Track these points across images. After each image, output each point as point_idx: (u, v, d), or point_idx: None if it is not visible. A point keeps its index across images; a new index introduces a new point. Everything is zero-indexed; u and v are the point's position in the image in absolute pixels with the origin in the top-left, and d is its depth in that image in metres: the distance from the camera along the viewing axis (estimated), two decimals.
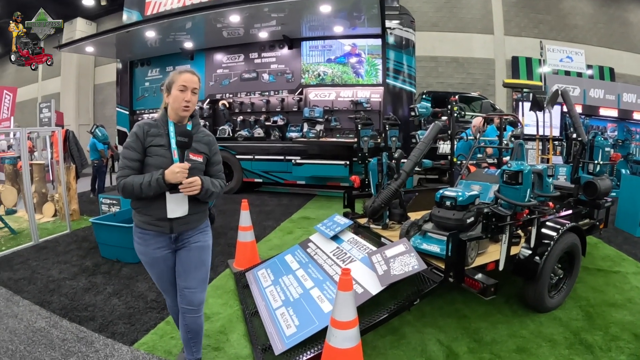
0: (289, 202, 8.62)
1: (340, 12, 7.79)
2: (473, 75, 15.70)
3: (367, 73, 8.99)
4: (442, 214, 3.19)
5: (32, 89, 23.83)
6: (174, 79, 2.22)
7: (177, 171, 2.09)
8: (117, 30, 9.17)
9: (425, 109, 5.19)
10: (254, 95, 9.87)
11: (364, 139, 5.40)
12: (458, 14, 15.72)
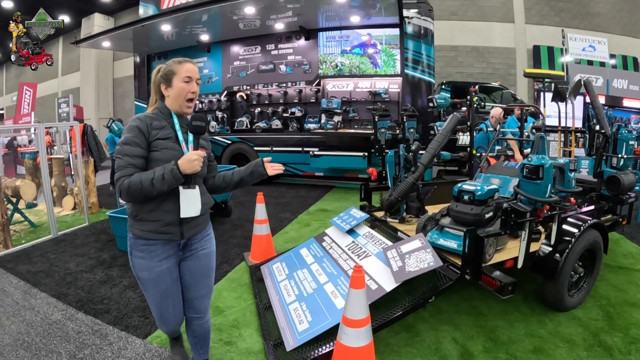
0: (306, 194, 8.59)
1: (356, 1, 7.67)
2: (493, 65, 15.35)
3: (385, 63, 8.85)
4: (460, 209, 3.10)
5: (52, 84, 24.15)
6: (174, 70, 2.03)
7: (194, 159, 1.88)
8: (132, 25, 9.24)
9: (444, 99, 5.07)
10: (271, 87, 9.85)
11: (381, 130, 5.33)
12: (477, 2, 15.34)
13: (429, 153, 4.06)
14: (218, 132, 10.24)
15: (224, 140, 9.96)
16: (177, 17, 8.65)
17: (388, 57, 8.81)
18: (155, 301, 2.14)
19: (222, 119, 10.36)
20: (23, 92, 19.04)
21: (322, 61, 9.31)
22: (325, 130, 8.58)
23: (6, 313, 3.41)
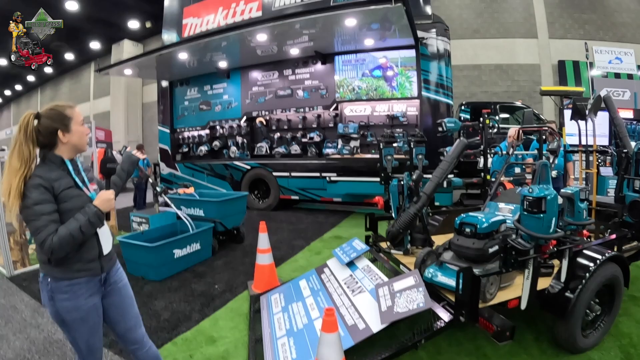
0: (324, 220, 8.51)
1: (368, 24, 7.66)
2: (518, 83, 15.01)
3: (401, 86, 8.78)
4: (461, 243, 2.93)
5: (84, 107, 24.85)
6: (68, 115, 2.02)
7: (111, 197, 2.04)
8: (150, 53, 9.50)
9: (454, 123, 4.88)
10: (289, 112, 9.90)
11: (387, 157, 5.23)
12: (499, 19, 15.14)
13: (433, 182, 3.92)
14: (238, 157, 10.36)
15: (244, 166, 10.03)
16: (196, 45, 8.84)
17: (405, 80, 8.74)
18: (85, 339, 2.09)
19: (242, 144, 10.47)
20: None
21: (339, 85, 9.31)
22: (341, 155, 8.53)
23: (13, 329, 3.64)
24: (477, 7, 15.28)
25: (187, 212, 6.34)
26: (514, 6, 15.11)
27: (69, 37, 20.13)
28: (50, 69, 26.24)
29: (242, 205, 6.72)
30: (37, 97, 31.32)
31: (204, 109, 11.12)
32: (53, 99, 27.20)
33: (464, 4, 15.19)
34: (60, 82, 28.32)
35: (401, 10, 6.71)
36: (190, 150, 11.50)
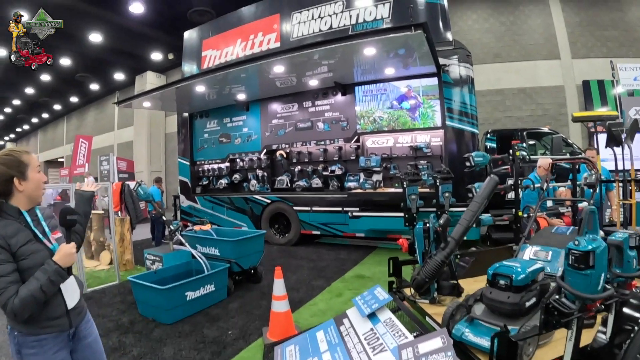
0: (346, 256, 8.18)
1: (388, 53, 7.46)
2: (543, 106, 14.55)
3: (424, 115, 8.50)
4: (495, 296, 2.61)
5: (109, 136, 25.43)
6: (25, 161, 1.92)
7: (72, 252, 1.90)
8: (166, 87, 9.46)
9: (482, 157, 4.62)
10: (310, 145, 9.72)
11: (411, 197, 4.95)
12: (520, 41, 14.83)
13: (462, 225, 3.61)
14: (258, 190, 10.18)
15: (264, 200, 9.85)
16: (214, 78, 8.74)
17: (428, 109, 8.47)
18: None
19: (263, 177, 10.31)
20: (79, 144, 20.07)
21: (360, 116, 9.09)
22: (364, 190, 8.22)
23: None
24: (497, 31, 15.06)
25: (203, 251, 6.14)
26: (534, 28, 14.85)
27: (94, 68, 20.74)
28: (76, 98, 27.01)
29: (259, 244, 6.47)
30: (63, 125, 32.08)
31: (224, 141, 11.04)
32: (79, 128, 28.17)
33: (484, 28, 14.99)
34: (86, 111, 29.00)
35: (421, 37, 6.49)
36: (210, 183, 11.40)
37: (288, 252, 8.61)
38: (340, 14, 9.06)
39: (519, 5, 15.10)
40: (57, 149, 32.77)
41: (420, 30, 6.16)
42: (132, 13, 14.99)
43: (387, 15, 8.54)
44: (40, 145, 36.54)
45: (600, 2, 14.39)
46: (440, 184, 4.62)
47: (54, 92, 25.02)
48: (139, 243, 10.31)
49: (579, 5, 14.52)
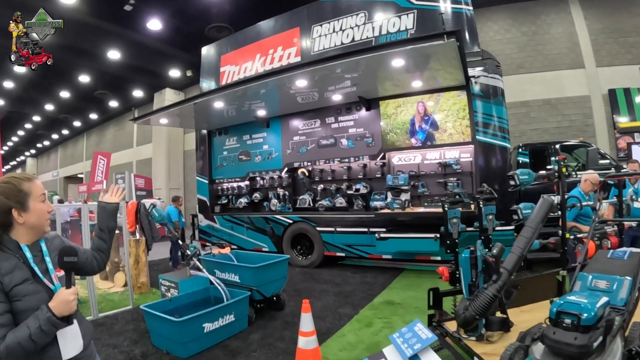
0: (373, 280, 7.75)
1: (416, 65, 7.09)
2: (569, 117, 14.03)
3: (453, 130, 8.11)
4: (559, 337, 2.27)
5: (128, 153, 25.62)
6: (25, 190, 1.68)
7: (71, 299, 1.60)
8: (183, 103, 9.25)
9: (528, 175, 4.23)
10: (333, 163, 9.37)
11: (452, 221, 4.53)
12: (543, 51, 14.40)
13: (515, 254, 3.25)
14: (279, 210, 9.83)
15: (285, 220, 9.49)
16: (232, 93, 8.45)
17: (456, 123, 8.07)
18: None
19: (284, 196, 9.96)
20: (97, 161, 20.22)
21: (386, 132, 8.72)
22: (391, 210, 7.79)
23: None
24: (519, 41, 14.70)
25: (222, 277, 5.78)
26: (557, 37, 14.43)
27: (113, 86, 20.85)
28: (95, 115, 27.39)
29: (282, 270, 6.05)
30: (83, 142, 32.51)
31: (244, 159, 10.76)
32: (98, 144, 28.50)
33: (506, 38, 14.64)
34: (106, 128, 29.34)
35: (453, 47, 6.10)
36: (230, 202, 11.09)
37: (311, 275, 8.24)
38: (363, 26, 8.79)
39: (540, 14, 14.79)
40: (77, 164, 33.20)
41: (453, 38, 5.78)
42: (150, 30, 15.00)
43: (411, 26, 8.22)
44: (60, 161, 37.06)
45: (623, 8, 13.98)
46: (483, 205, 4.21)
47: (73, 109, 25.27)
48: (156, 263, 10.07)
49: (601, 12, 14.13)
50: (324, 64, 7.10)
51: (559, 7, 14.54)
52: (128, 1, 13.44)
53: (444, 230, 4.52)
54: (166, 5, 13.88)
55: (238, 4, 13.77)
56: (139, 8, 13.80)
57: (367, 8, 8.79)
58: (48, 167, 40.13)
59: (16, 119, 27.74)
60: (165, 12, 14.23)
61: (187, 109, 9.47)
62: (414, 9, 8.24)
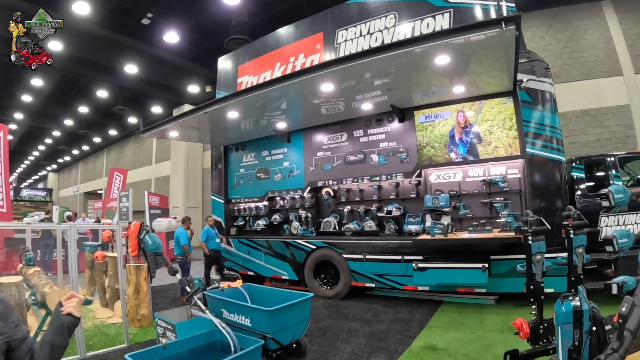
0: (408, 316, 6.70)
1: (459, 64, 6.11)
2: (609, 128, 13.32)
3: (499, 142, 7.16)
4: None
5: (147, 170, 25.69)
6: None
7: None
8: (193, 112, 8.41)
9: (623, 192, 3.38)
10: (362, 182, 8.46)
11: (536, 257, 3.55)
12: (579, 59, 13.80)
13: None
14: (301, 234, 8.92)
15: (308, 245, 8.54)
16: (248, 101, 7.55)
17: (503, 134, 7.12)
18: None
19: (306, 219, 9.05)
20: (113, 177, 19.87)
21: (422, 146, 7.80)
22: (432, 236, 6.70)
23: None
24: (555, 49, 14.11)
25: (230, 318, 4.86)
26: (593, 43, 13.79)
27: (132, 101, 20.93)
28: (114, 131, 27.75)
29: (304, 312, 5.05)
30: (103, 158, 32.97)
31: (262, 177, 9.91)
32: (118, 161, 28.98)
33: (540, 46, 13.90)
34: (125, 144, 29.69)
35: (512, 38, 5.09)
36: (247, 223, 10.20)
37: (337, 309, 7.25)
38: (393, 28, 7.89)
39: (574, 20, 14.26)
40: (97, 180, 33.76)
41: (512, 25, 4.75)
42: (168, 44, 14.82)
43: (447, 26, 7.29)
44: (81, 176, 37.70)
45: None
46: (573, 235, 3.27)
47: (93, 124, 25.55)
48: (166, 289, 9.33)
49: (636, 16, 13.48)
50: (355, 60, 6.01)
51: (593, 12, 14.08)
52: (146, 14, 13.15)
53: (527, 271, 3.52)
54: (184, 19, 13.72)
55: (257, 16, 13.58)
56: (157, 22, 13.74)
57: (397, 9, 7.92)
58: (69, 182, 40.70)
59: (37, 134, 28.35)
60: (183, 25, 14.06)
61: (199, 120, 8.67)
62: (450, 8, 7.34)
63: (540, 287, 3.48)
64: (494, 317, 6.26)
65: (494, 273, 6.52)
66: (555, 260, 4.82)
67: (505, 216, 6.65)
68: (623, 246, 3.19)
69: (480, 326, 5.93)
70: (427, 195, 7.25)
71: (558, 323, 2.78)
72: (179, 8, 13.03)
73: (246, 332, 4.57)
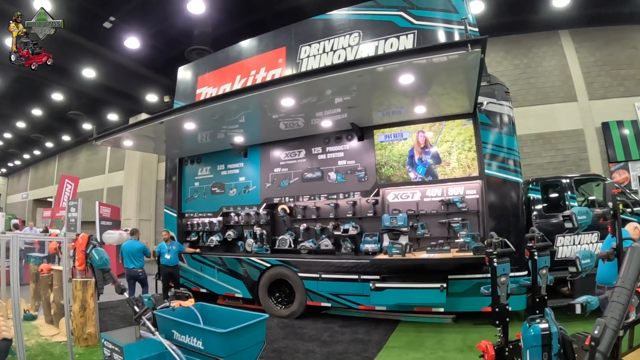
0: (365, 336, 6.56)
1: (421, 85, 6.11)
2: (563, 152, 13.92)
3: (457, 163, 7.21)
4: None
5: (100, 179, 24.91)
6: None
7: None
8: (148, 122, 8.07)
9: (586, 214, 3.44)
10: (319, 199, 8.31)
11: (501, 279, 3.51)
12: (536, 84, 14.43)
13: (611, 330, 2.30)
14: (256, 252, 8.66)
15: (262, 263, 8.28)
16: (204, 113, 7.29)
17: (461, 156, 7.18)
18: None
19: (261, 236, 8.80)
20: (64, 185, 18.96)
21: (380, 165, 7.74)
22: (390, 256, 6.62)
23: None
24: (512, 74, 14.60)
25: (182, 340, 4.53)
26: (550, 69, 14.45)
27: (87, 107, 20.20)
28: (68, 137, 26.87)
29: (259, 334, 4.78)
30: (54, 164, 31.98)
31: (217, 192, 9.57)
32: (70, 168, 28.22)
33: (498, 71, 14.28)
34: (78, 151, 28.86)
35: (476, 61, 5.14)
36: (200, 239, 9.81)
37: (292, 329, 7.05)
38: (357, 46, 7.87)
39: (532, 47, 14.87)
40: (47, 187, 32.36)
41: (478, 48, 4.78)
42: (128, 49, 14.40)
43: (410, 47, 7.32)
44: (31, 182, 36.22)
45: (614, 41, 14.10)
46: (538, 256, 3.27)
47: (46, 128, 24.61)
48: (115, 305, 8.87)
49: (592, 45, 14.24)
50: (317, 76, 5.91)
51: (551, 40, 14.70)
52: (108, 17, 12.76)
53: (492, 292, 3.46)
54: (147, 25, 13.36)
55: (221, 27, 13.38)
56: (119, 26, 13.31)
57: (362, 27, 7.92)
58: (18, 188, 39.01)
59: None
60: (145, 32, 13.71)
61: (155, 130, 8.29)
62: (415, 29, 7.38)
63: (505, 309, 3.44)
64: (453, 336, 6.25)
65: (452, 292, 6.50)
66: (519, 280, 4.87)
67: (464, 236, 6.69)
68: (586, 266, 3.27)
69: (440, 346, 5.90)
70: (384, 214, 7.16)
71: (526, 346, 2.75)
72: (143, 13, 12.69)
73: (198, 355, 4.32)
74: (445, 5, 7.27)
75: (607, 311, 2.46)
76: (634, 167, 13.13)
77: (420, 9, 7.41)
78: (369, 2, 8.04)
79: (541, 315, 3.12)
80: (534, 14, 13.81)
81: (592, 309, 3.15)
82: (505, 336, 3.39)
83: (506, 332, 3.40)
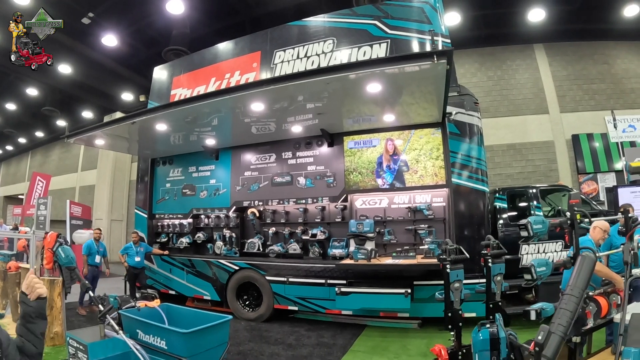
0: (331, 340, 6.61)
1: (390, 93, 6.23)
2: (533, 162, 14.32)
3: (425, 171, 7.32)
4: None
5: (72, 178, 24.34)
6: None
7: None
8: (121, 121, 8.00)
9: (542, 224, 3.50)
10: (288, 204, 8.32)
11: (454, 285, 3.61)
12: (509, 96, 14.82)
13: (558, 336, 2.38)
14: (225, 254, 8.64)
15: (231, 266, 8.26)
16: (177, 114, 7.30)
17: (429, 164, 7.30)
18: None
19: (230, 239, 8.78)
20: (35, 183, 18.51)
21: (349, 171, 7.83)
22: (355, 261, 6.71)
23: None
24: (486, 86, 14.98)
25: (146, 339, 4.56)
26: (522, 82, 14.86)
27: (62, 103, 19.73)
28: (41, 133, 26.29)
29: (222, 335, 4.82)
30: (27, 161, 31.09)
31: (188, 193, 9.53)
32: (42, 165, 27.54)
33: (472, 82, 14.65)
34: (52, 148, 28.17)
35: (442, 72, 5.27)
36: (170, 240, 9.74)
37: (258, 332, 7.06)
38: (330, 53, 7.95)
39: (506, 60, 15.23)
40: (19, 184, 31.41)
41: (444, 60, 4.90)
42: (105, 46, 14.23)
43: (383, 55, 7.44)
44: (2, 179, 35.06)
45: (587, 56, 14.61)
46: (492, 263, 3.35)
47: (19, 123, 24.02)
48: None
49: (565, 60, 14.70)
50: (289, 81, 6.00)
51: (525, 54, 15.09)
52: (87, 14, 12.58)
53: (445, 298, 3.56)
54: (126, 23, 13.29)
55: (199, 28, 13.41)
56: (98, 22, 13.17)
57: (336, 34, 8.00)
58: None
59: None
60: (123, 30, 13.61)
61: (128, 130, 8.25)
62: (388, 39, 7.50)
63: (458, 315, 3.53)
64: (418, 341, 6.31)
65: (417, 298, 6.57)
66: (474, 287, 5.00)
67: (429, 243, 6.79)
68: (541, 274, 3.34)
69: (404, 351, 5.97)
70: (351, 220, 7.24)
71: (475, 350, 2.84)
72: (122, 11, 12.60)
73: (162, 355, 4.34)
74: (419, 16, 7.38)
75: (555, 317, 2.56)
76: (602, 179, 13.52)
77: (395, 18, 7.53)
78: (345, 10, 8.15)
79: (492, 321, 3.23)
80: (509, 28, 14.19)
81: (546, 315, 3.25)
82: (459, 340, 3.49)
83: (459, 336, 3.50)
